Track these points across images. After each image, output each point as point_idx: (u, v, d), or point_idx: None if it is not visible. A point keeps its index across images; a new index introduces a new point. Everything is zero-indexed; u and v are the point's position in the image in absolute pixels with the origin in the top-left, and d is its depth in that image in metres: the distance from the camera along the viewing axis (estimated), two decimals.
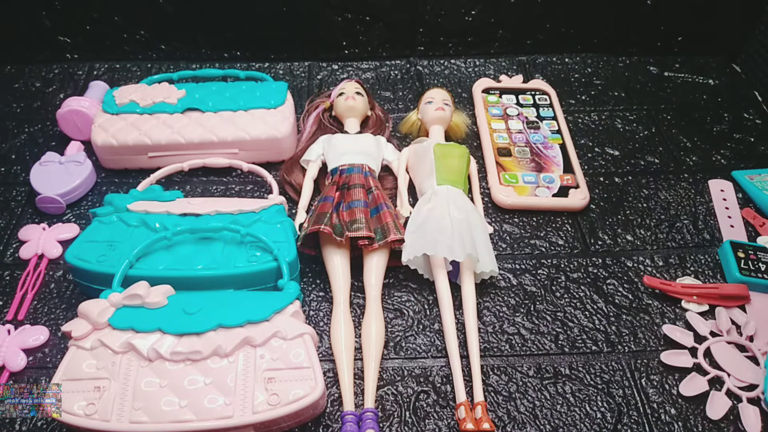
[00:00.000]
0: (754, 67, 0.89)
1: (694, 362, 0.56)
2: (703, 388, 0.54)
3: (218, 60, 0.89)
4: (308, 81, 0.87)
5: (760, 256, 0.63)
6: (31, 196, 0.68)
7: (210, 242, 0.59)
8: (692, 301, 0.61)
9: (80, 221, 0.67)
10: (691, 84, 0.88)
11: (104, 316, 0.50)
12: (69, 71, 0.86)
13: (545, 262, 0.65)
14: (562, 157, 0.74)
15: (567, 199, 0.69)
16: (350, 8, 0.84)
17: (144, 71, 0.87)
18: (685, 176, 0.75)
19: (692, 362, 0.56)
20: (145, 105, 0.72)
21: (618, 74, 0.89)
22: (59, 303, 0.60)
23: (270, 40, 0.87)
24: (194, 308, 0.51)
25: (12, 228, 0.67)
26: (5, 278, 0.62)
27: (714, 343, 0.57)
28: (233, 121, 0.72)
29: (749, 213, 0.70)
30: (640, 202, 0.72)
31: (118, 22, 0.84)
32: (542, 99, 0.82)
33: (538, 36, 0.90)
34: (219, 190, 0.71)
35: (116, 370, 0.48)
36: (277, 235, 0.59)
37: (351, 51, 0.89)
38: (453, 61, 0.90)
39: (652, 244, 0.67)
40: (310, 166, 0.70)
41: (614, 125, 0.81)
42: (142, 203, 0.62)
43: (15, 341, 0.56)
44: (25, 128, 0.79)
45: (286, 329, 0.50)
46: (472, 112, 0.81)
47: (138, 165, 0.72)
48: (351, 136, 0.71)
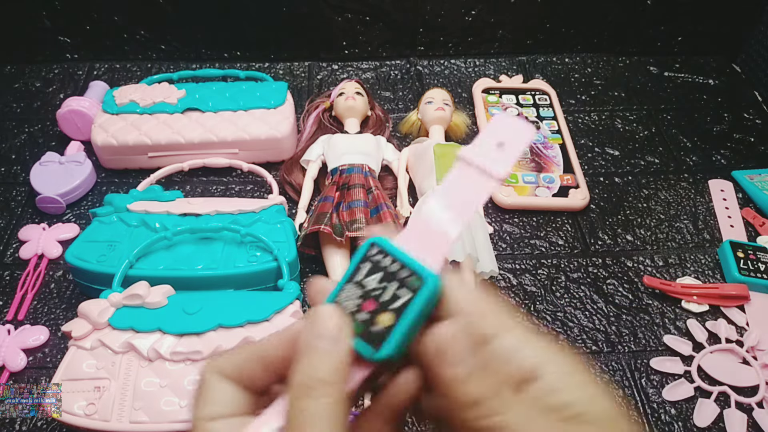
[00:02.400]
0: (754, 67, 0.89)
1: (685, 369, 0.56)
2: (687, 393, 0.54)
3: (218, 60, 0.89)
4: (308, 81, 0.87)
5: (759, 256, 0.63)
6: (31, 196, 0.68)
7: (210, 242, 0.59)
8: (692, 301, 0.61)
9: (80, 221, 0.67)
10: (691, 84, 0.88)
11: (104, 316, 0.50)
12: (69, 71, 0.86)
13: (545, 262, 0.65)
14: (562, 157, 0.74)
15: (567, 199, 0.69)
16: (350, 8, 0.84)
17: (144, 71, 0.87)
18: (685, 176, 0.75)
19: (683, 369, 0.56)
20: (145, 105, 0.72)
21: (618, 74, 0.89)
22: (59, 303, 0.60)
23: (270, 40, 0.87)
24: (194, 308, 0.51)
25: (12, 228, 0.67)
26: (5, 278, 0.62)
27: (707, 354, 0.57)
28: (233, 121, 0.72)
29: (749, 213, 0.70)
30: (640, 202, 0.72)
31: (118, 22, 0.84)
32: (542, 99, 0.82)
33: (538, 36, 0.90)
34: (219, 190, 0.71)
35: (116, 370, 0.48)
36: (277, 235, 0.59)
37: (351, 51, 0.89)
38: (453, 61, 0.90)
39: (652, 244, 0.67)
40: (310, 166, 0.70)
41: (614, 125, 0.81)
42: (142, 203, 0.62)
43: (15, 341, 0.56)
44: (25, 128, 0.78)
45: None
46: (472, 112, 0.81)
47: (138, 165, 0.72)
48: (351, 136, 0.71)
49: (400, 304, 0.23)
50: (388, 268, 0.24)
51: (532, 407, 0.23)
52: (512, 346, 0.24)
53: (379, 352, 0.23)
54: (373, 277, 0.24)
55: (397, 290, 0.24)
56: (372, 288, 0.24)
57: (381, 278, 0.24)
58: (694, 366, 0.56)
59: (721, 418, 0.53)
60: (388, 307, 0.24)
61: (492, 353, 0.24)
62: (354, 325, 0.24)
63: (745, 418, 0.52)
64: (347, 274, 0.25)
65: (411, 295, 0.23)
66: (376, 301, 0.24)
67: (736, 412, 0.53)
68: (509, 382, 0.23)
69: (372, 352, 0.23)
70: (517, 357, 0.23)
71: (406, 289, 0.24)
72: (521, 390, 0.23)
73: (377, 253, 0.25)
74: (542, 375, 0.23)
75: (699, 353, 0.56)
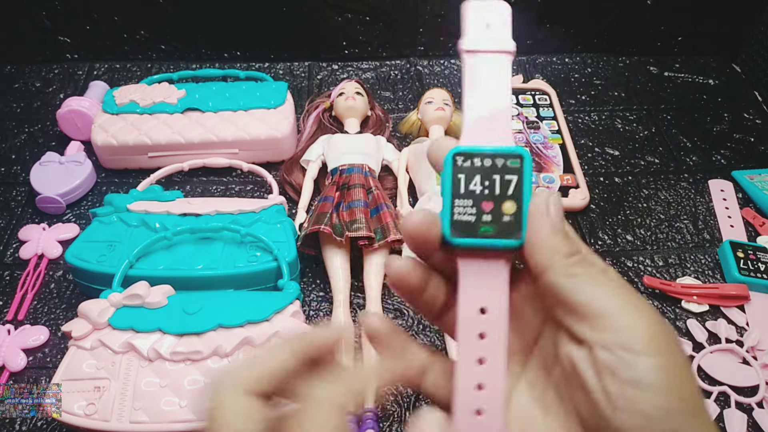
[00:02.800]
0: (754, 67, 0.89)
1: None
2: None
3: (218, 60, 0.89)
4: (308, 81, 0.87)
5: (759, 256, 0.63)
6: (31, 196, 0.68)
7: (210, 242, 0.59)
8: (692, 302, 0.61)
9: (80, 221, 0.67)
10: (691, 84, 0.88)
11: (104, 316, 0.50)
12: (69, 71, 0.86)
13: None
14: (562, 157, 0.74)
15: (567, 199, 0.69)
16: (350, 8, 0.84)
17: (144, 71, 0.87)
18: (685, 176, 0.75)
19: None
20: (145, 105, 0.72)
21: (618, 74, 0.89)
22: (59, 303, 0.60)
23: (270, 40, 0.87)
24: (194, 308, 0.51)
25: (12, 228, 0.67)
26: (5, 278, 0.62)
27: (707, 354, 0.56)
28: (233, 121, 0.72)
29: (749, 213, 0.70)
30: (640, 202, 0.72)
31: (118, 22, 0.84)
32: (542, 99, 0.82)
33: (538, 36, 0.90)
34: (219, 190, 0.71)
35: (116, 370, 0.48)
36: (277, 235, 0.59)
37: (351, 51, 0.89)
38: (453, 61, 0.90)
39: (652, 244, 0.67)
40: (310, 166, 0.70)
41: (614, 125, 0.81)
42: (142, 203, 0.62)
43: (15, 341, 0.56)
44: (25, 128, 0.79)
45: (286, 329, 0.50)
46: None
47: (138, 165, 0.72)
48: (351, 136, 0.71)
49: (513, 188, 0.25)
50: (483, 166, 0.25)
51: (610, 275, 0.25)
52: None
53: (522, 236, 0.25)
54: (475, 181, 0.25)
55: (503, 179, 0.25)
56: (480, 190, 0.25)
57: (482, 178, 0.25)
58: (694, 366, 0.56)
59: (721, 418, 0.53)
60: (506, 195, 0.25)
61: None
62: (484, 229, 0.25)
63: (745, 418, 0.52)
64: (448, 193, 0.25)
65: (517, 175, 0.25)
66: (491, 199, 0.25)
67: (736, 412, 0.53)
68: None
69: (515, 240, 0.25)
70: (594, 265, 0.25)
71: (509, 174, 0.25)
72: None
73: (464, 161, 0.25)
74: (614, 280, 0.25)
75: (699, 353, 0.56)
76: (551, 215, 0.25)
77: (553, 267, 0.24)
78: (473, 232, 0.25)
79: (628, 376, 0.22)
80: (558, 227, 0.24)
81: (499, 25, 0.27)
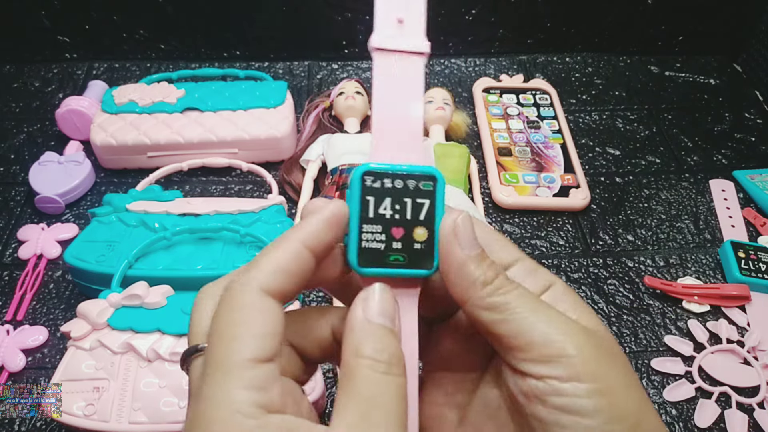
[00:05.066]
0: (755, 67, 0.89)
1: (686, 370, 0.56)
2: (688, 394, 0.54)
3: (218, 60, 0.88)
4: (308, 81, 0.86)
5: (760, 256, 0.63)
6: (30, 196, 0.68)
7: (209, 242, 0.58)
8: (693, 302, 0.61)
9: (79, 221, 0.67)
10: (692, 84, 0.88)
11: (103, 317, 0.50)
12: (68, 71, 0.86)
13: (546, 263, 0.65)
14: (562, 156, 0.74)
15: (568, 198, 0.69)
16: (350, 8, 0.84)
17: (143, 71, 0.86)
18: (686, 176, 0.75)
19: (684, 370, 0.56)
20: (145, 104, 0.72)
21: (619, 74, 0.89)
22: (58, 303, 0.60)
23: (270, 39, 0.87)
24: None
25: (11, 228, 0.66)
26: (4, 278, 0.62)
27: (708, 354, 0.56)
28: (233, 120, 0.72)
29: (750, 213, 0.70)
30: (641, 202, 0.71)
31: (118, 22, 0.84)
32: (543, 98, 0.82)
33: (539, 35, 0.89)
34: (218, 190, 0.71)
35: (115, 371, 0.48)
36: (276, 235, 0.59)
37: (351, 51, 0.89)
38: (453, 61, 0.90)
39: (653, 244, 0.67)
40: (310, 166, 0.69)
41: (615, 125, 0.81)
42: (142, 203, 0.62)
43: (14, 341, 0.56)
44: (24, 128, 0.78)
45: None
46: (473, 111, 0.81)
47: (137, 165, 0.72)
48: (351, 136, 0.71)
49: (426, 212, 0.23)
50: (394, 187, 0.23)
51: (534, 297, 0.24)
52: (526, 271, 0.25)
53: (434, 265, 0.23)
54: (385, 204, 0.23)
55: (414, 202, 0.23)
56: (390, 215, 0.23)
57: (392, 201, 0.23)
58: (695, 366, 0.56)
59: (722, 419, 0.52)
60: (418, 221, 0.23)
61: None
62: (394, 258, 0.23)
63: (746, 418, 0.52)
64: (355, 217, 0.23)
65: (429, 199, 0.23)
66: (402, 224, 0.23)
67: (737, 412, 0.52)
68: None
69: (426, 271, 0.23)
70: (527, 281, 0.25)
71: (421, 198, 0.23)
72: None
73: (373, 181, 0.23)
74: (554, 284, 0.25)
75: (700, 354, 0.56)
76: (460, 240, 0.23)
77: (470, 300, 0.23)
78: (382, 261, 0.23)
79: (559, 403, 0.22)
80: (469, 253, 0.23)
81: (412, 21, 0.24)
